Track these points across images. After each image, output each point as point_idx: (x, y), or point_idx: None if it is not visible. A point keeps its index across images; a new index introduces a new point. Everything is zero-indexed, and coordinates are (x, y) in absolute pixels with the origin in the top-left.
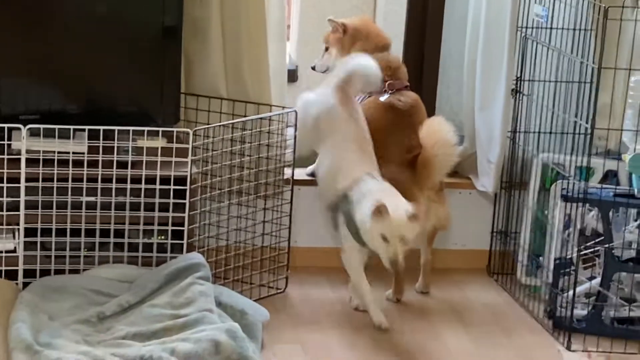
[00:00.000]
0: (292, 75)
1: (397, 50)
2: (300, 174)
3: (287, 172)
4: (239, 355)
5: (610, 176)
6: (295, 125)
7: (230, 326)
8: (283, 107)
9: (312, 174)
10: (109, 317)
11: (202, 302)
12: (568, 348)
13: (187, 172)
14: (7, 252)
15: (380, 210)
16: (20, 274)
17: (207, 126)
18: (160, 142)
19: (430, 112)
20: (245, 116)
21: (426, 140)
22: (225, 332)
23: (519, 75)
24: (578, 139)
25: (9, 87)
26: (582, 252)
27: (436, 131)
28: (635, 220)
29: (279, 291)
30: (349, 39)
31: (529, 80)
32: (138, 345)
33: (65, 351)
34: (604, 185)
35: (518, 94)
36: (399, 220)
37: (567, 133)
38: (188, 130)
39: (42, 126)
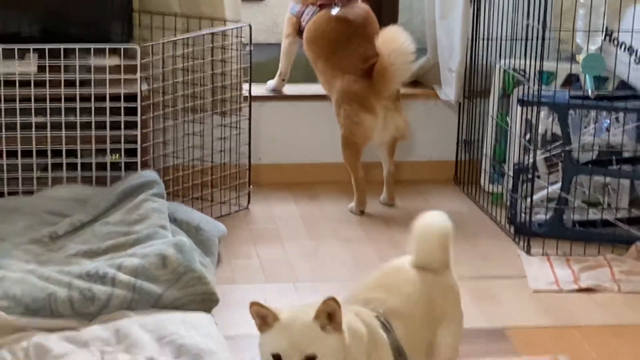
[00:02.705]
0: None
1: None
2: (261, 90)
3: (245, 88)
4: (186, 268)
5: (573, 80)
6: (250, 40)
7: (178, 240)
8: (237, 22)
9: (274, 89)
10: (62, 237)
11: (155, 218)
12: (528, 252)
13: (137, 89)
14: None
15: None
16: None
17: (155, 42)
18: (110, 60)
19: (393, 23)
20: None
21: (382, 49)
22: (172, 245)
23: None
24: (535, 44)
25: None
26: (543, 157)
27: (392, 40)
28: (595, 122)
29: (241, 208)
30: None
31: None
32: (87, 262)
33: (11, 270)
34: (559, 88)
35: (477, 1)
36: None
37: (525, 39)
38: (135, 46)
39: None
